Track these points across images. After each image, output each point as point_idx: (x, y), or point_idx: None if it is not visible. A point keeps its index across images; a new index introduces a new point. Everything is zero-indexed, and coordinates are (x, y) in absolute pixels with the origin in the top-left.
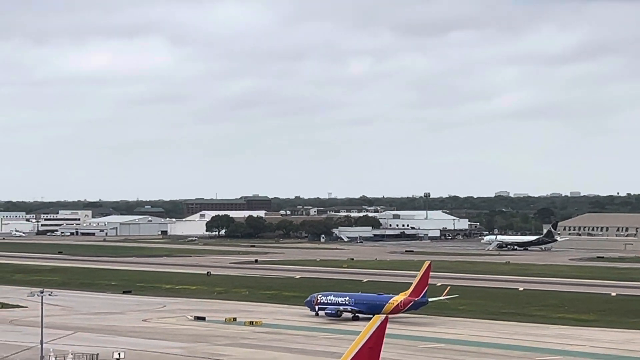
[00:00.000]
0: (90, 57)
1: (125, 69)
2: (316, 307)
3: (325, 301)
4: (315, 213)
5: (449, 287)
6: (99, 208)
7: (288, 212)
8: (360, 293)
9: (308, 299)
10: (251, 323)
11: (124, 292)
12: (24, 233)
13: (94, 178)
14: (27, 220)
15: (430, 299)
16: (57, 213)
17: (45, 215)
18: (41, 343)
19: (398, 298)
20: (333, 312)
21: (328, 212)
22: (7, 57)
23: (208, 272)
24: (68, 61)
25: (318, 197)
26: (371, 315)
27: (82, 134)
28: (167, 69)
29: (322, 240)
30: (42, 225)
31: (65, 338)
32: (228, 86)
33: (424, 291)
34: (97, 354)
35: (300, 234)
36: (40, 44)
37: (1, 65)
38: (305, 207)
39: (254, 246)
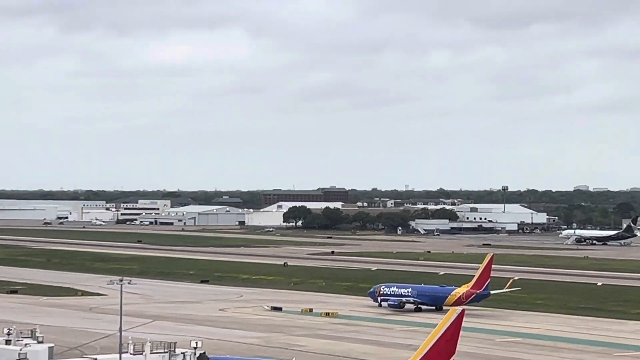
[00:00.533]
0: (171, 48)
1: (206, 60)
2: (379, 299)
3: (388, 292)
4: (392, 205)
5: (511, 279)
6: (178, 198)
7: (365, 204)
8: (422, 285)
9: (371, 290)
10: (327, 314)
11: (202, 282)
12: (103, 222)
13: (173, 168)
14: (107, 209)
15: (492, 292)
16: (137, 202)
17: (125, 205)
18: (120, 331)
19: (460, 290)
20: (396, 303)
21: (405, 205)
22: (91, 48)
23: (285, 263)
24: (150, 52)
25: (395, 189)
26: (433, 307)
27: (163, 124)
28: (246, 60)
29: (399, 232)
30: (121, 214)
31: (143, 326)
32: (307, 78)
33: (486, 284)
34: (175, 343)
35: (377, 226)
36: (123, 35)
37: (85, 56)
38: (382, 199)
39: (330, 237)
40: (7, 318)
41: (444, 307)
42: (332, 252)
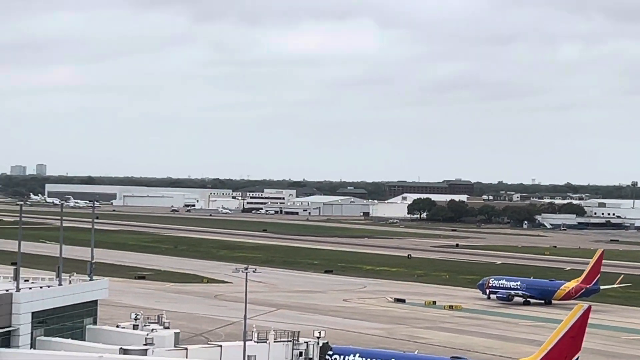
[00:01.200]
0: (301, 38)
1: (335, 51)
2: (487, 291)
3: (497, 285)
4: (518, 199)
5: (622, 275)
6: (303, 188)
7: (490, 197)
8: (532, 278)
9: (480, 282)
10: (451, 307)
11: (326, 272)
12: (230, 210)
13: (299, 158)
14: (234, 197)
15: (602, 287)
16: (262, 192)
17: (251, 194)
18: (244, 319)
19: (569, 285)
20: (504, 296)
21: (531, 199)
22: (222, 38)
23: (409, 255)
24: (280, 42)
25: (521, 183)
26: (542, 301)
27: (291, 114)
28: (375, 51)
29: (525, 226)
30: (247, 203)
31: (267, 314)
32: (435, 70)
33: (596, 279)
34: (298, 332)
35: (502, 220)
36: (254, 25)
37: (215, 46)
38: (508, 192)
39: (455, 230)
40: (134, 303)
41: (553, 301)
42: (457, 245)
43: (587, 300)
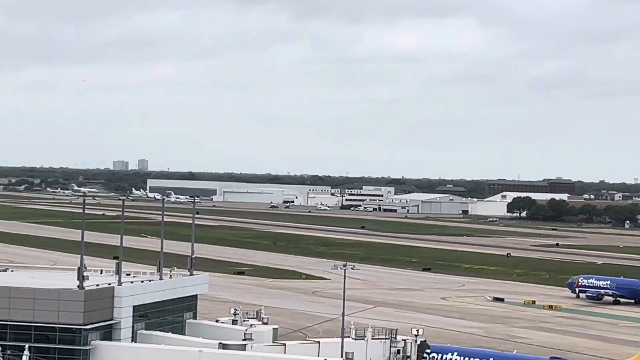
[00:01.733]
0: (401, 36)
1: (435, 49)
2: (577, 289)
3: (587, 284)
4: (620, 198)
5: None
6: (402, 185)
7: (592, 197)
8: (622, 278)
9: (569, 280)
10: (550, 307)
11: (424, 270)
12: (328, 207)
13: (398, 155)
14: (332, 194)
15: None
16: (361, 189)
17: (350, 191)
18: (342, 315)
19: None
20: (594, 295)
21: (634, 198)
22: (323, 35)
23: (508, 254)
24: (380, 40)
25: (624, 182)
26: (632, 300)
27: (389, 111)
28: (476, 48)
29: (627, 226)
30: (346, 200)
31: (365, 312)
32: (536, 67)
33: None
34: (396, 330)
35: (604, 219)
36: (355, 22)
37: (316, 43)
38: (609, 191)
39: (555, 229)
40: (233, 298)
41: None
42: (557, 244)
43: None
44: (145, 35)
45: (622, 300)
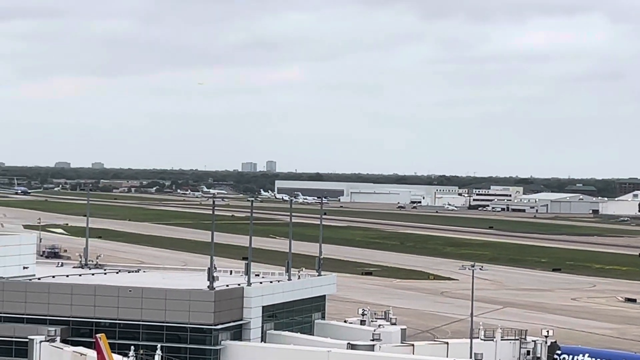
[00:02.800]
0: (529, 34)
1: (564, 47)
2: None
3: None
4: None
5: None
6: (530, 185)
7: None
8: None
9: None
10: None
11: (553, 270)
12: (456, 207)
13: (526, 154)
14: (460, 194)
15: None
16: (489, 188)
17: (477, 190)
18: (471, 316)
19: None
20: None
21: None
22: (450, 35)
23: None
24: (508, 39)
25: None
26: None
27: (517, 110)
28: (605, 46)
29: None
30: (473, 200)
31: (494, 312)
32: None
33: None
34: (526, 330)
35: None
36: (483, 21)
37: (444, 43)
38: None
39: None
40: (361, 299)
41: None
42: None
43: None
44: (273, 38)
45: None
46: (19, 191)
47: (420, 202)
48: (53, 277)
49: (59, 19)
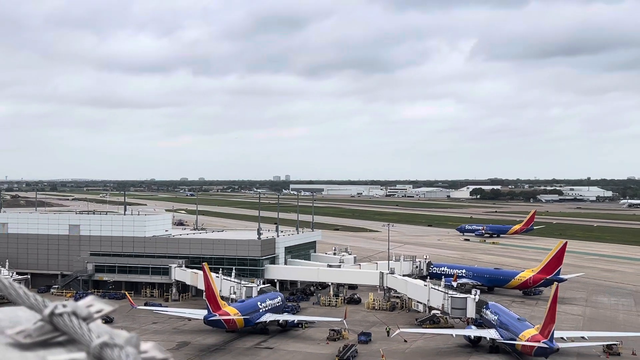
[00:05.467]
0: (418, 109)
1: (434, 115)
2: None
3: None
4: None
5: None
6: (417, 183)
7: None
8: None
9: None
10: None
11: (428, 225)
12: (378, 196)
13: (415, 167)
14: (381, 189)
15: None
16: (395, 186)
17: (390, 187)
18: (388, 250)
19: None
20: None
21: None
22: (376, 111)
23: None
24: (407, 112)
25: None
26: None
27: (413, 146)
28: (453, 115)
29: None
30: (388, 192)
31: (399, 247)
32: None
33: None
34: (415, 256)
35: None
36: (393, 103)
37: (373, 115)
38: None
39: None
40: (334, 242)
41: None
42: None
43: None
44: (289, 114)
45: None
46: (188, 194)
47: (362, 193)
48: (180, 235)
49: None
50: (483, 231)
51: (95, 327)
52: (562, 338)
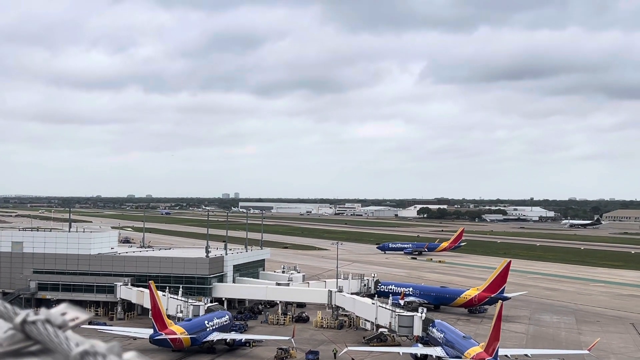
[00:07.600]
0: (366, 129)
1: (383, 135)
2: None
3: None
4: None
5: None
6: (365, 202)
7: None
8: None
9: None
10: None
11: (376, 245)
12: (327, 214)
13: (365, 187)
14: (330, 207)
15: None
16: (344, 204)
17: (339, 205)
18: (336, 268)
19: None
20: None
21: None
22: (327, 130)
23: None
24: (356, 132)
25: None
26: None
27: (360, 166)
28: (402, 135)
29: None
30: (337, 210)
31: (347, 266)
32: None
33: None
34: (363, 274)
35: None
36: (344, 124)
37: (323, 134)
38: None
39: None
40: (282, 260)
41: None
42: None
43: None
44: (242, 131)
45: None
46: (163, 213)
47: (311, 212)
48: (126, 252)
49: None
50: (411, 249)
51: (72, 336)
52: (506, 356)
